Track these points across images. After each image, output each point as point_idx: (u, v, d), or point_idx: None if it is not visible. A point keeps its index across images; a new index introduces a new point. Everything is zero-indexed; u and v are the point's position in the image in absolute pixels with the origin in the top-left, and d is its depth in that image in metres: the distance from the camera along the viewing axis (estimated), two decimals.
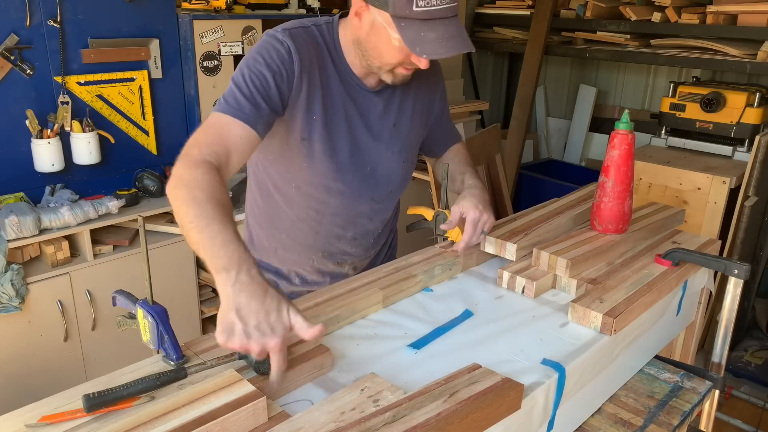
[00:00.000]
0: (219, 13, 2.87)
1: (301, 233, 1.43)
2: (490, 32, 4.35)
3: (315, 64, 1.27)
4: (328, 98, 1.30)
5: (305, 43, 1.26)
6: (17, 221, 2.26)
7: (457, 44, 1.15)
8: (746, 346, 3.12)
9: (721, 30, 3.23)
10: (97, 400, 0.85)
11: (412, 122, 1.44)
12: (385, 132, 1.39)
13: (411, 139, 1.46)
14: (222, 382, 0.90)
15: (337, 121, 1.32)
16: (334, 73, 1.30)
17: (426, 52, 1.13)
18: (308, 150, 1.31)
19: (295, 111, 1.27)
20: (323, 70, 1.29)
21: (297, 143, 1.31)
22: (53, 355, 2.44)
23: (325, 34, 1.31)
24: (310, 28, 1.30)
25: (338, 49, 1.31)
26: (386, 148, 1.40)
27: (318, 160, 1.32)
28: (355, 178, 1.38)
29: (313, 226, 1.42)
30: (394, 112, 1.40)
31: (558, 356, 1.09)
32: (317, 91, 1.28)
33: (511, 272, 1.34)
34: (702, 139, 3.11)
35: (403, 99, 1.41)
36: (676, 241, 1.55)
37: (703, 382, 1.37)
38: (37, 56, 2.44)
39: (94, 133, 2.56)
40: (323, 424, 0.83)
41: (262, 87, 1.21)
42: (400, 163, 1.44)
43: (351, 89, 1.33)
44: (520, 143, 4.05)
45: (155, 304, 1.01)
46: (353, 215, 1.43)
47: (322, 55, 1.29)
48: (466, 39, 1.17)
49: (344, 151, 1.34)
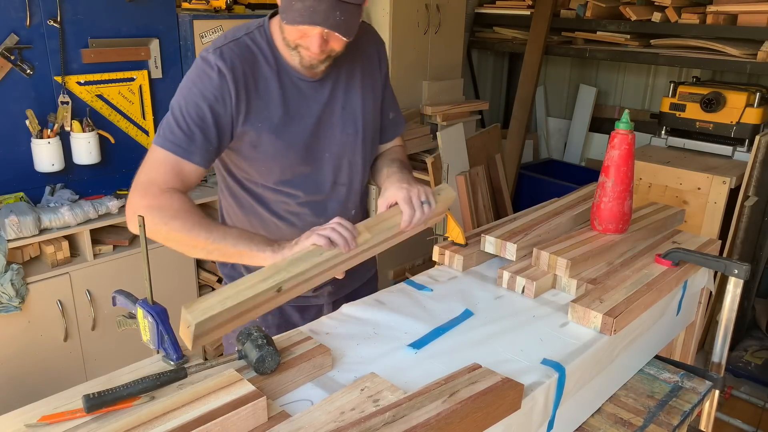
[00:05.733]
0: (219, 13, 2.88)
1: (279, 230, 1.43)
2: (490, 32, 4.35)
3: (250, 75, 1.29)
4: (270, 103, 1.32)
5: (237, 58, 1.28)
6: (17, 221, 2.26)
7: (316, 18, 1.16)
8: (746, 346, 3.12)
9: (721, 30, 3.23)
10: (97, 401, 0.85)
11: (363, 102, 1.44)
12: (335, 117, 1.40)
13: (366, 117, 1.45)
14: (222, 381, 0.89)
15: (284, 121, 1.34)
16: (272, 76, 1.32)
17: (286, 18, 1.18)
18: (264, 154, 1.34)
19: (242, 126, 1.30)
20: (261, 77, 1.31)
21: (251, 151, 1.34)
22: (53, 355, 2.44)
23: (258, 40, 1.32)
24: (242, 39, 1.31)
25: (274, 49, 1.33)
26: (340, 132, 1.41)
27: (274, 160, 1.35)
28: (315, 167, 1.40)
29: (291, 220, 1.43)
30: (340, 96, 1.40)
31: (558, 356, 1.09)
32: (258, 99, 1.30)
33: (511, 272, 1.34)
34: (702, 139, 3.11)
35: (349, 81, 1.42)
36: (676, 241, 1.55)
37: (703, 382, 1.37)
38: (37, 56, 2.44)
39: (94, 133, 2.56)
40: (323, 423, 0.83)
41: (200, 120, 1.25)
42: (357, 143, 1.45)
43: (292, 85, 1.34)
44: (520, 143, 4.05)
45: (155, 303, 1.01)
46: (323, 202, 1.44)
47: (257, 62, 1.31)
48: (330, 18, 1.16)
49: (298, 146, 1.36)
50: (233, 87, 1.26)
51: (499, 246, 1.41)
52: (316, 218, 1.43)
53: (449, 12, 3.78)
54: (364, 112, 1.45)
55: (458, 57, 4.00)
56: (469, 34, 4.31)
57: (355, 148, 1.45)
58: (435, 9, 3.67)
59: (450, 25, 3.82)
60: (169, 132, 1.25)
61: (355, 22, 1.22)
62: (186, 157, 1.25)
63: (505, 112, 4.89)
